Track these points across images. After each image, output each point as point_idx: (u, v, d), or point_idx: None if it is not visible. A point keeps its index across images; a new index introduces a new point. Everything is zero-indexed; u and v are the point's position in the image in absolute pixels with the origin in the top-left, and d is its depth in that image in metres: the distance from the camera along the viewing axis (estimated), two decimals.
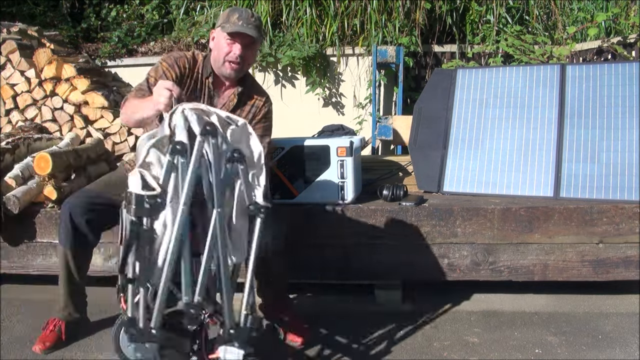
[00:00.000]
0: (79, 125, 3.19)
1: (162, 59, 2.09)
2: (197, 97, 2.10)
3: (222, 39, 2.04)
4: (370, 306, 2.54)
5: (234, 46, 2.03)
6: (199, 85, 2.11)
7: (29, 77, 3.24)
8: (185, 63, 2.08)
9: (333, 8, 4.72)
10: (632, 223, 2.38)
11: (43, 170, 2.50)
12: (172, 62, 2.06)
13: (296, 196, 2.50)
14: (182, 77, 2.07)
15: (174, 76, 2.03)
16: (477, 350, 2.13)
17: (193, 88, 2.10)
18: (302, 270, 2.52)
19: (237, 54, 2.03)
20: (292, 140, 2.51)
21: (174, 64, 2.06)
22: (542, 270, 2.46)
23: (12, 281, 2.75)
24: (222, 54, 2.05)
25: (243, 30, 2.00)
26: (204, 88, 2.12)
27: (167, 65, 2.05)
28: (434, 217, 2.46)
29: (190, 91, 2.08)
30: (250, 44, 2.06)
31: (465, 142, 2.78)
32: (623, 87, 2.63)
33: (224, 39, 2.04)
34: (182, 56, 2.09)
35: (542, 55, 4.28)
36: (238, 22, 2.01)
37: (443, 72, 3.05)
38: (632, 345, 2.13)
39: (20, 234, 2.58)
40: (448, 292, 2.64)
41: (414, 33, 4.70)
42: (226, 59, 2.05)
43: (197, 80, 2.11)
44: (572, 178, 2.54)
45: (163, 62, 2.06)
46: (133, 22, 5.46)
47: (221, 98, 2.15)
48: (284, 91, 4.83)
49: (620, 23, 4.52)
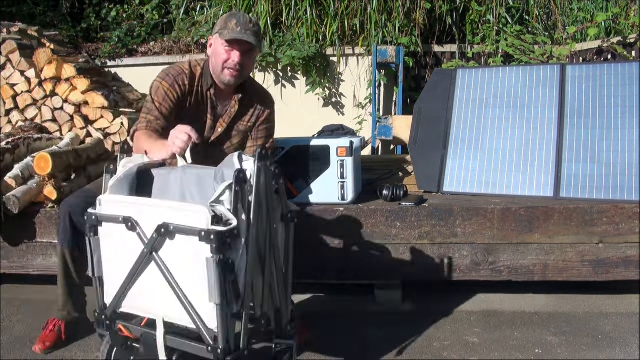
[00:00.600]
0: (79, 125, 3.19)
1: (161, 78, 2.04)
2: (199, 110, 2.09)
3: (220, 45, 2.00)
4: (370, 306, 2.54)
5: (232, 53, 2.00)
6: (200, 98, 2.09)
7: (29, 77, 3.23)
8: (184, 80, 2.05)
9: (333, 8, 4.72)
10: (632, 223, 2.38)
11: (43, 170, 2.50)
12: (172, 81, 2.03)
13: (296, 196, 2.50)
14: (184, 95, 2.05)
15: (176, 97, 2.01)
16: (477, 350, 2.13)
17: (195, 103, 2.08)
18: (302, 270, 2.51)
19: (235, 62, 2.00)
20: (292, 140, 2.51)
21: (174, 83, 2.03)
22: (542, 270, 2.46)
23: (12, 281, 2.75)
24: (221, 61, 2.01)
25: (241, 37, 1.96)
26: (206, 100, 2.10)
27: (168, 85, 2.02)
28: (434, 217, 2.46)
29: (192, 106, 2.07)
30: (248, 51, 2.02)
31: (465, 142, 2.78)
32: (623, 87, 2.63)
33: (222, 46, 2.00)
34: (180, 73, 2.05)
35: (542, 55, 4.28)
36: (236, 28, 1.96)
37: (443, 72, 3.05)
38: (632, 345, 2.13)
39: (20, 234, 2.58)
40: (448, 292, 2.64)
41: (414, 33, 4.69)
42: (225, 66, 2.02)
43: (199, 94, 2.09)
44: (572, 178, 2.54)
45: (163, 82, 2.02)
46: (133, 22, 5.46)
47: (224, 107, 2.14)
48: (284, 91, 4.83)
49: (620, 23, 4.52)
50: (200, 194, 1.67)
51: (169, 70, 2.07)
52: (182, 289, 1.48)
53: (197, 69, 2.10)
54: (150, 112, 2.02)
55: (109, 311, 1.62)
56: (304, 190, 2.49)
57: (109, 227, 1.59)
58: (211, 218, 1.40)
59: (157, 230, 1.47)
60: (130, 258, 1.54)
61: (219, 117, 2.14)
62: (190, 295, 1.47)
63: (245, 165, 1.53)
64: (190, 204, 1.49)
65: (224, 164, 1.60)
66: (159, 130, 1.98)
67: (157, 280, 1.51)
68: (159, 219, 1.47)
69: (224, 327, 1.43)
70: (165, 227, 1.46)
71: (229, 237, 1.41)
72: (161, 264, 1.50)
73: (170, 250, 1.48)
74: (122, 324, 1.62)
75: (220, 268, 1.39)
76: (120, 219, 1.54)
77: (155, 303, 1.54)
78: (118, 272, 1.58)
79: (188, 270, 1.46)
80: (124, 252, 1.56)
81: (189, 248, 1.44)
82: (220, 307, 1.41)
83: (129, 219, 1.52)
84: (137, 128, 2.00)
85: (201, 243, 1.39)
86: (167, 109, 2.02)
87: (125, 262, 1.55)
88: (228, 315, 1.44)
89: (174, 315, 1.51)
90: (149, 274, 1.53)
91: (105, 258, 1.62)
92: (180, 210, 1.45)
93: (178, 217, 1.45)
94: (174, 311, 1.50)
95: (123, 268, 1.56)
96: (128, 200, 1.58)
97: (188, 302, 1.48)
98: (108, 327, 1.62)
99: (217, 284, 1.39)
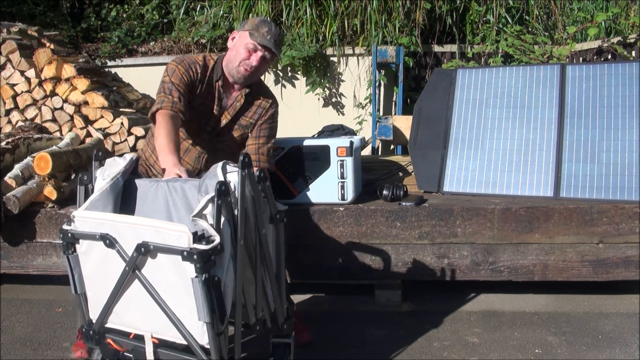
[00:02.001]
0: (79, 125, 3.19)
1: (178, 62, 2.12)
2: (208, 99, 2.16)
3: (244, 43, 2.09)
4: (370, 306, 2.54)
5: (254, 54, 2.09)
6: (209, 87, 2.17)
7: (29, 77, 3.24)
8: (198, 69, 2.14)
9: (333, 8, 4.72)
10: (632, 223, 2.39)
11: (43, 170, 2.50)
12: (187, 67, 2.11)
13: (296, 196, 2.50)
14: (195, 81, 2.13)
15: (189, 81, 2.10)
16: (477, 350, 2.13)
17: (205, 92, 2.16)
18: (302, 270, 2.53)
19: (253, 64, 2.10)
20: (292, 140, 2.51)
21: (188, 69, 2.11)
22: (542, 270, 2.46)
23: (12, 281, 2.75)
24: (240, 57, 2.10)
25: (270, 45, 2.07)
26: (214, 91, 2.18)
27: (184, 69, 2.10)
28: (434, 217, 2.46)
29: (202, 94, 2.15)
30: (268, 59, 2.13)
31: (465, 142, 2.78)
32: (623, 87, 2.63)
33: (245, 45, 2.09)
34: (195, 62, 2.15)
35: (542, 55, 4.28)
36: (266, 35, 2.07)
37: (443, 72, 3.05)
38: (632, 345, 2.13)
39: (20, 234, 2.58)
40: (448, 292, 2.64)
41: (414, 33, 4.70)
42: (242, 64, 2.10)
43: (208, 84, 2.17)
44: (572, 178, 2.54)
45: (179, 66, 2.10)
46: (133, 22, 5.46)
47: (230, 99, 2.21)
48: (284, 91, 4.83)
49: (620, 23, 4.53)
50: (186, 207, 1.64)
51: (184, 57, 2.16)
52: (169, 305, 1.45)
53: (210, 62, 2.19)
54: (171, 92, 2.06)
55: (96, 326, 1.59)
56: (304, 190, 2.49)
57: (88, 244, 1.54)
58: (192, 236, 1.36)
59: (137, 249, 1.43)
60: (113, 274, 1.50)
61: (224, 108, 2.20)
62: (177, 312, 1.45)
63: (229, 176, 1.51)
64: (169, 223, 1.43)
65: (208, 175, 1.58)
66: (183, 113, 2.03)
67: (142, 296, 1.48)
68: (138, 237, 1.43)
69: (215, 342, 1.41)
70: (145, 246, 1.41)
71: (213, 254, 1.38)
72: (145, 282, 1.46)
73: (153, 268, 1.45)
74: (111, 338, 1.59)
75: (206, 287, 1.36)
76: (97, 237, 1.49)
77: (142, 319, 1.52)
78: (102, 289, 1.55)
79: (173, 288, 1.43)
80: (106, 269, 1.52)
81: (172, 266, 1.41)
82: (210, 325, 1.39)
83: (106, 236, 1.48)
84: (162, 107, 2.02)
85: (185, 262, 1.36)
86: (184, 91, 2.08)
87: (108, 278, 1.51)
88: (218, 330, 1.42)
89: (163, 331, 1.49)
90: (133, 290, 1.50)
91: (88, 274, 1.58)
92: (159, 230, 1.40)
93: (157, 236, 1.40)
94: (163, 327, 1.47)
95: (107, 284, 1.52)
96: (104, 217, 1.52)
97: (177, 318, 1.45)
98: (97, 341, 1.60)
99: (205, 302, 1.36)
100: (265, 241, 1.60)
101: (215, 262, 1.39)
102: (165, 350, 1.51)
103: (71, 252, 1.58)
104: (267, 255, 1.62)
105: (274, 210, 1.67)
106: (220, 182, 1.41)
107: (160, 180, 1.71)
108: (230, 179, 1.50)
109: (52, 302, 2.21)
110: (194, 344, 1.44)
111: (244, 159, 1.48)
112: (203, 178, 1.59)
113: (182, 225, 1.39)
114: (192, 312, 1.40)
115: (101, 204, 1.60)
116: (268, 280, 1.65)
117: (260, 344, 2.04)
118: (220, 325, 1.40)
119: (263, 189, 1.59)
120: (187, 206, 1.63)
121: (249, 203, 1.51)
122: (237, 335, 1.51)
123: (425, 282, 2.58)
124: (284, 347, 1.91)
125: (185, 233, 1.36)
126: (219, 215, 1.41)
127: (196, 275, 1.35)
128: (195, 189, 1.62)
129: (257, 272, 1.58)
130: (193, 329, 1.44)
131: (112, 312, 1.56)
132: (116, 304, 1.54)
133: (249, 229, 1.52)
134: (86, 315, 1.62)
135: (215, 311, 1.38)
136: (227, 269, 1.44)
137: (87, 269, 1.58)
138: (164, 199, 1.67)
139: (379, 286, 2.57)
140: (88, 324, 1.62)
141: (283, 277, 1.76)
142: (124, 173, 1.68)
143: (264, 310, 1.64)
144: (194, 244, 1.36)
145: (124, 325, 1.57)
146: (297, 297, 2.61)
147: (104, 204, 1.60)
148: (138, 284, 1.48)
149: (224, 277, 1.42)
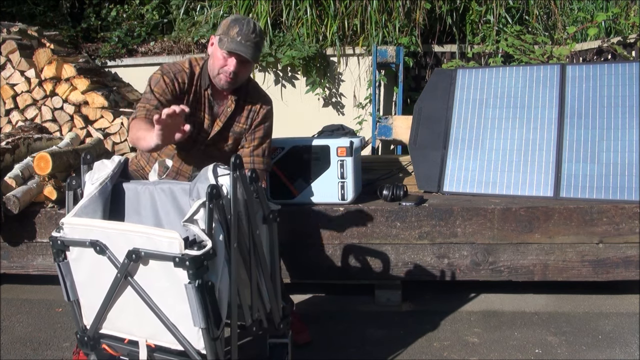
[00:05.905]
0: (79, 125, 3.19)
1: (163, 72, 2.05)
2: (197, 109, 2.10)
3: (219, 50, 2.01)
4: (370, 306, 2.54)
5: (229, 61, 2.00)
6: (198, 96, 2.10)
7: (29, 77, 3.24)
8: (184, 78, 2.06)
9: (333, 8, 4.72)
10: (632, 223, 2.38)
11: (43, 170, 2.50)
12: (172, 77, 2.04)
13: (296, 196, 2.50)
14: (182, 93, 2.06)
15: (175, 93, 2.03)
16: (477, 350, 2.13)
17: (193, 101, 2.09)
18: (303, 270, 2.53)
19: (230, 70, 2.00)
20: (292, 140, 2.51)
21: (174, 79, 2.04)
22: (542, 270, 2.46)
23: (12, 281, 2.75)
24: (217, 66, 2.02)
25: (239, 50, 1.96)
26: (204, 99, 2.11)
27: (169, 80, 2.03)
28: (434, 217, 2.46)
29: (190, 104, 2.07)
30: (245, 62, 2.03)
31: (465, 142, 2.78)
32: (623, 87, 2.63)
33: (220, 51, 2.00)
34: (180, 71, 2.07)
35: (542, 55, 4.27)
36: (237, 37, 1.96)
37: (443, 72, 3.05)
38: (632, 345, 2.13)
39: (20, 234, 2.58)
40: (448, 292, 2.64)
41: (414, 33, 4.69)
42: (220, 72, 2.03)
43: (197, 93, 2.10)
44: (572, 178, 2.54)
45: (164, 76, 2.03)
46: (133, 22, 5.46)
47: (221, 106, 2.14)
48: (284, 91, 4.83)
49: (620, 23, 4.52)
50: (176, 211, 1.61)
51: (170, 67, 2.08)
52: (163, 311, 1.44)
53: (196, 68, 2.11)
54: (149, 102, 2.01)
55: (90, 332, 1.58)
56: (304, 190, 2.49)
57: (78, 250, 1.53)
58: (184, 241, 1.34)
59: (128, 256, 1.41)
60: (105, 281, 1.48)
61: (215, 116, 2.14)
62: (172, 317, 1.43)
63: (221, 179, 1.49)
64: (160, 229, 1.41)
65: (199, 178, 1.55)
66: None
67: (135, 302, 1.46)
68: (129, 244, 1.41)
69: (211, 347, 1.40)
70: (136, 252, 1.40)
71: (205, 259, 1.36)
72: (138, 288, 1.45)
73: (145, 274, 1.43)
74: (106, 343, 1.58)
75: (200, 293, 1.35)
76: (87, 243, 1.47)
77: (137, 325, 1.50)
78: (95, 295, 1.53)
79: (166, 294, 1.41)
80: (98, 275, 1.50)
81: (165, 272, 1.39)
82: (205, 330, 1.38)
83: (97, 243, 1.46)
84: (136, 116, 1.97)
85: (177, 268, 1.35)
86: (166, 101, 2.01)
87: (101, 284, 1.50)
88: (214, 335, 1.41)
89: (158, 337, 1.47)
90: (126, 296, 1.48)
91: (80, 281, 1.57)
92: (151, 236, 1.38)
93: (148, 243, 1.39)
94: (157, 332, 1.46)
95: (99, 291, 1.51)
96: (94, 224, 1.49)
97: (171, 324, 1.44)
98: (92, 347, 1.59)
99: (199, 308, 1.35)
100: (259, 242, 1.59)
101: (208, 267, 1.37)
102: (160, 354, 1.50)
103: (61, 259, 1.56)
104: (262, 256, 1.61)
105: (266, 211, 1.65)
106: (211, 185, 1.39)
107: (149, 183, 1.67)
108: (222, 182, 1.48)
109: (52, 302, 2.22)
110: (190, 349, 1.43)
111: (235, 161, 1.46)
112: (194, 182, 1.56)
113: (173, 231, 1.37)
114: (186, 317, 1.38)
115: (90, 210, 1.56)
116: (263, 280, 1.64)
117: (257, 345, 2.04)
118: (215, 330, 1.39)
119: (255, 189, 1.57)
120: (178, 210, 1.61)
121: (241, 205, 1.49)
122: (234, 337, 1.51)
123: (425, 282, 2.58)
124: (282, 347, 1.91)
125: (176, 239, 1.34)
126: (211, 220, 1.39)
127: (189, 281, 1.34)
128: (185, 193, 1.59)
129: (252, 274, 1.57)
130: (188, 334, 1.42)
131: (106, 318, 1.55)
132: (110, 310, 1.53)
133: (242, 231, 1.50)
134: (80, 321, 1.61)
135: (210, 316, 1.37)
136: (222, 273, 1.42)
137: (79, 275, 1.56)
138: (153, 203, 1.64)
139: (379, 286, 2.57)
140: (82, 330, 1.60)
141: (278, 277, 1.75)
142: (112, 177, 1.64)
143: (259, 310, 1.64)
144: (185, 249, 1.34)
145: (118, 331, 1.56)
146: (297, 297, 2.61)
147: (94, 209, 1.57)
148: (131, 290, 1.46)
149: (218, 282, 1.41)
